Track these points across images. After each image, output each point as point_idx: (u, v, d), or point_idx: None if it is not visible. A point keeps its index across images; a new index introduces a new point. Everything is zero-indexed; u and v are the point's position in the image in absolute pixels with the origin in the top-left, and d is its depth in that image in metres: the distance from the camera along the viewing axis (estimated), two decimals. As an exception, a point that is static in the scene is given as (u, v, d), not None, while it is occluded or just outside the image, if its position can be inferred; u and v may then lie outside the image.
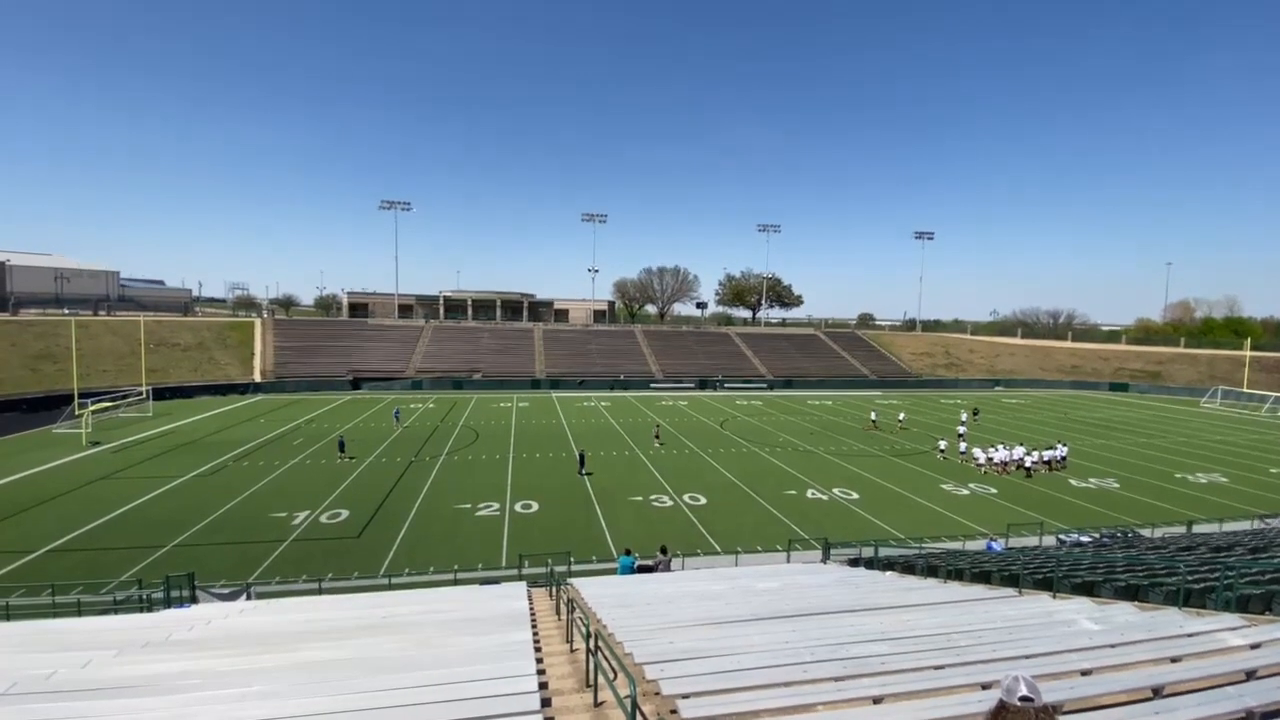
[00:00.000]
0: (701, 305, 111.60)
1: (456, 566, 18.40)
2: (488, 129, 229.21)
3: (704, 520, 23.76)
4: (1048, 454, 33.06)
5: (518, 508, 24.81)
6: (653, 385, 68.29)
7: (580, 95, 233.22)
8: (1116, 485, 30.08)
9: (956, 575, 13.40)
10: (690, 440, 39.27)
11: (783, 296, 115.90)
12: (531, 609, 10.66)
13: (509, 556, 19.69)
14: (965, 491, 28.50)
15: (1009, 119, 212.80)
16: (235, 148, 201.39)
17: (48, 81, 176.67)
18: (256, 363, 62.55)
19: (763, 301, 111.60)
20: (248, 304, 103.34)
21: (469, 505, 24.95)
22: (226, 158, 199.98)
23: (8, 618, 13.60)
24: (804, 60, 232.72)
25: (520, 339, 77.83)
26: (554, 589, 12.41)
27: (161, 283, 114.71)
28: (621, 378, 68.49)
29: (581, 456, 30.99)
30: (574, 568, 18.22)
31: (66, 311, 64.50)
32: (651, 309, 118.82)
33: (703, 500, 26.33)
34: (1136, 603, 9.34)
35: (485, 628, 8.92)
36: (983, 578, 12.81)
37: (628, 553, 17.19)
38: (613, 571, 17.13)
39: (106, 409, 41.61)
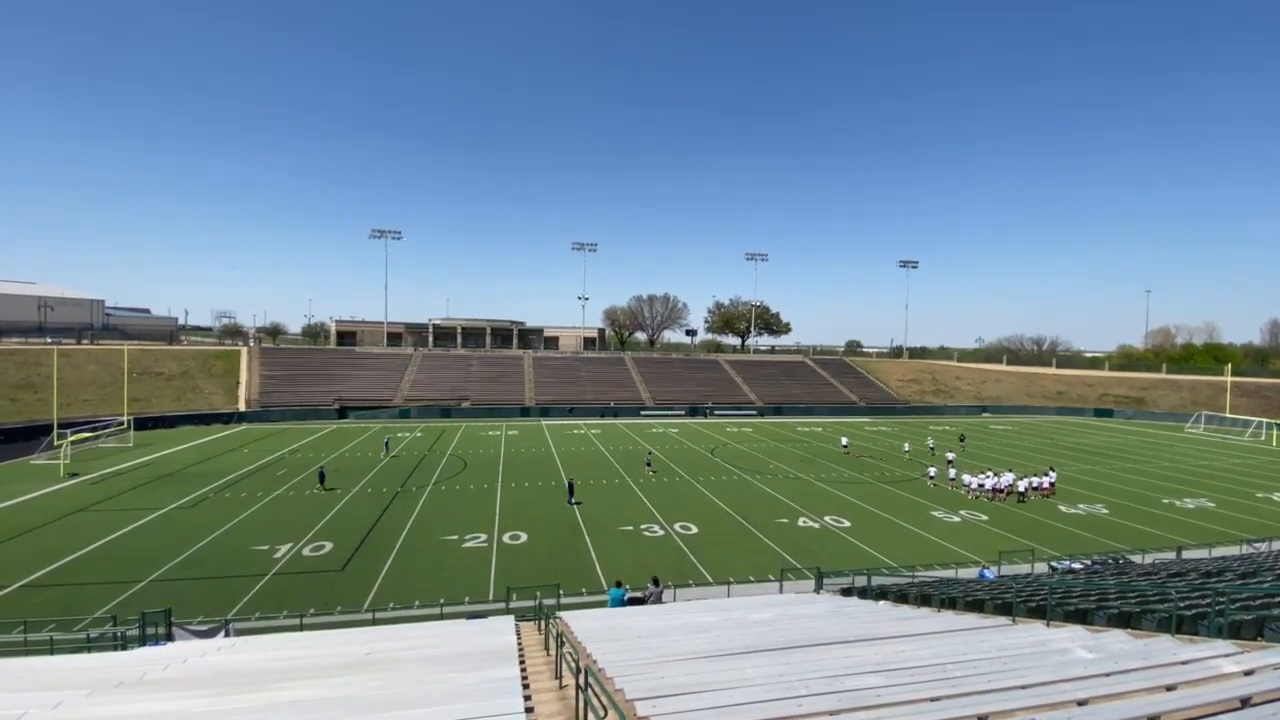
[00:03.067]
0: (691, 332, 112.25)
1: (442, 600, 18.00)
2: (479, 159, 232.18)
3: (695, 550, 23.49)
4: (1038, 480, 33.16)
5: (506, 539, 24.42)
6: (643, 412, 68.17)
7: (571, 126, 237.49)
8: (1106, 511, 30.17)
9: (950, 604, 13.30)
10: (681, 468, 39.05)
11: (771, 324, 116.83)
12: (519, 644, 10.42)
13: (497, 589, 19.31)
14: (956, 518, 28.45)
15: (989, 150, 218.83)
16: (225, 176, 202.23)
17: (37, 108, 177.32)
18: (241, 391, 61.80)
19: (751, 329, 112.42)
20: (234, 332, 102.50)
21: (456, 536, 24.53)
22: (216, 186, 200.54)
23: (-26, 658, 13.06)
24: (790, 93, 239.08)
25: (510, 366, 77.62)
26: (543, 623, 12.15)
27: (147, 311, 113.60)
28: (612, 405, 68.32)
29: (571, 485, 30.67)
30: (563, 600, 17.88)
31: (49, 340, 63.65)
32: (641, 336, 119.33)
33: (694, 529, 26.07)
34: (1129, 630, 9.30)
35: (471, 664, 8.69)
36: (976, 606, 12.71)
37: (618, 584, 16.92)
38: (603, 604, 16.84)
39: (86, 439, 40.79)
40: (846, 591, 17.78)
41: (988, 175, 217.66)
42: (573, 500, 29.63)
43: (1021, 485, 31.94)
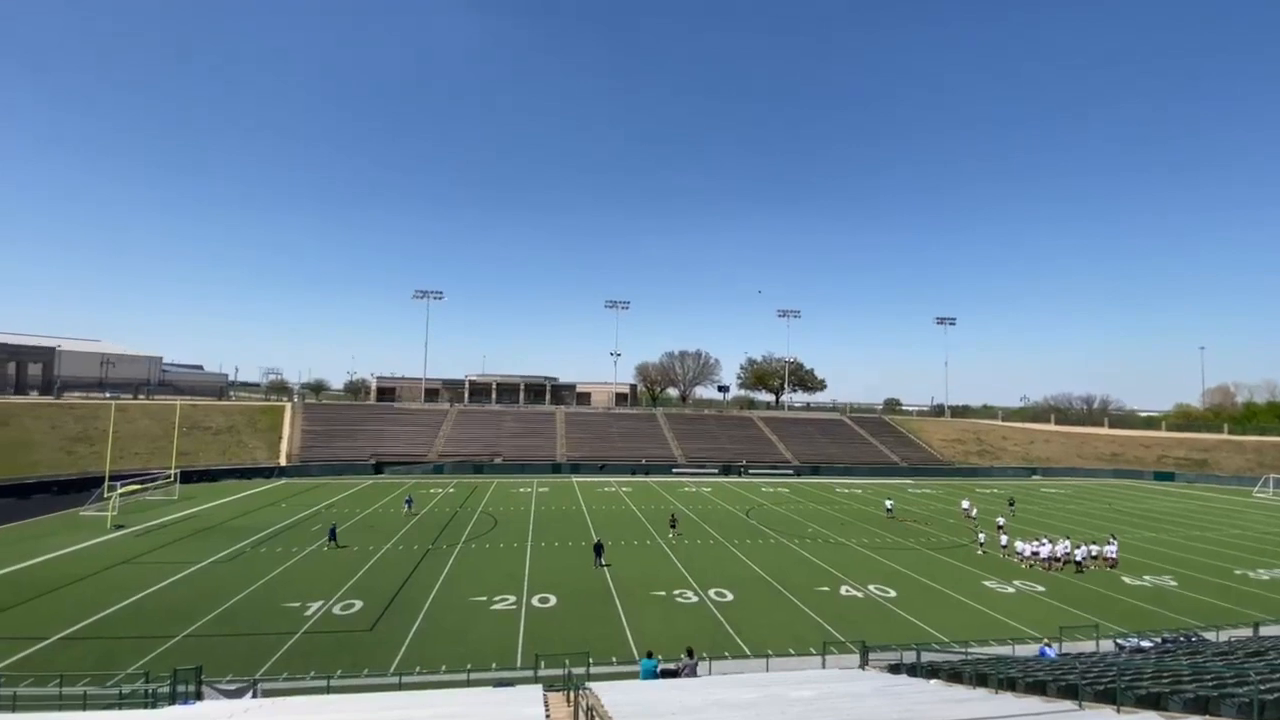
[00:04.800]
0: (723, 389, 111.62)
1: (469, 666, 17.56)
2: (518, 218, 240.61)
3: (731, 619, 22.54)
4: (1098, 549, 31.11)
5: (535, 602, 23.90)
6: (675, 470, 67.18)
7: (604, 187, 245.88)
8: (1174, 583, 28.03)
9: (1008, 685, 12.35)
10: (715, 530, 38.03)
11: (805, 380, 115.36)
12: (548, 715, 10.04)
13: (525, 655, 18.77)
14: (1010, 589, 26.78)
15: (1029, 203, 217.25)
16: (280, 240, 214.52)
17: (110, 178, 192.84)
18: (283, 446, 63.38)
19: (785, 385, 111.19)
20: (280, 388, 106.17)
21: (485, 598, 24.13)
22: (274, 249, 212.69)
23: (14, 708, 13.21)
24: (823, 147, 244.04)
25: (542, 422, 78.02)
26: (572, 693, 11.71)
27: (200, 368, 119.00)
28: (643, 462, 67.63)
29: (599, 546, 30.01)
30: (593, 670, 17.24)
31: (108, 395, 66.91)
32: (673, 392, 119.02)
33: (730, 596, 25.11)
34: (1208, 717, 8.47)
35: (499, 736, 8.39)
36: (1038, 688, 11.78)
37: (650, 655, 16.29)
38: (634, 675, 16.19)
39: (133, 492, 42.09)
40: (894, 668, 16.72)
41: (1026, 227, 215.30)
42: (601, 562, 28.98)
43: (1079, 554, 30.04)
